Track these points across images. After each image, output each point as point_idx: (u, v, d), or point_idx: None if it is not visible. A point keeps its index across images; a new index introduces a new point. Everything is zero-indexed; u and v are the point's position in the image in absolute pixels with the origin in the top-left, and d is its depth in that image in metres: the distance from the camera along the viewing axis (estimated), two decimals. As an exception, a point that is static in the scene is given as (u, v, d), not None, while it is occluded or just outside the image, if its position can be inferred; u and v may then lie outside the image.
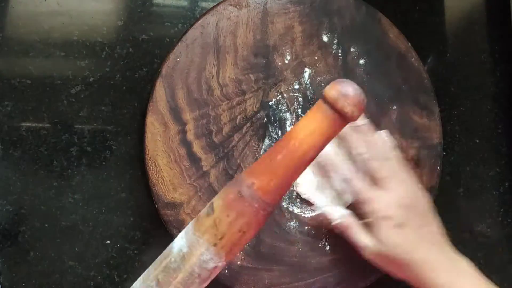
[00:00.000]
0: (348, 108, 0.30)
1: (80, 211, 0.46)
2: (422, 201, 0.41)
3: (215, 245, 0.31)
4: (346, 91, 0.29)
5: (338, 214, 0.43)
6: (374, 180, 0.41)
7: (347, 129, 0.40)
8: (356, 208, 0.42)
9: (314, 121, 0.31)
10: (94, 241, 0.46)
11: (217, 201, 0.32)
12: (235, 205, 0.31)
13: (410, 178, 0.42)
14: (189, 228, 0.32)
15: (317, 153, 0.31)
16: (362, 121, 0.44)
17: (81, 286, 0.46)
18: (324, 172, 0.44)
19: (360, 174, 0.41)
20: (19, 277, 0.45)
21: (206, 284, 0.33)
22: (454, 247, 0.41)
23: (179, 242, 0.32)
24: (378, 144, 0.42)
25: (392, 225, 0.39)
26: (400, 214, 0.39)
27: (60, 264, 0.46)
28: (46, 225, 0.46)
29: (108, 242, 0.47)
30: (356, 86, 0.30)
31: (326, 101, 0.30)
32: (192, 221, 0.33)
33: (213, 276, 0.33)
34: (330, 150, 0.44)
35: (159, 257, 0.34)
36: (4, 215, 0.45)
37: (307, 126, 0.31)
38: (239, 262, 0.45)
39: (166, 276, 0.32)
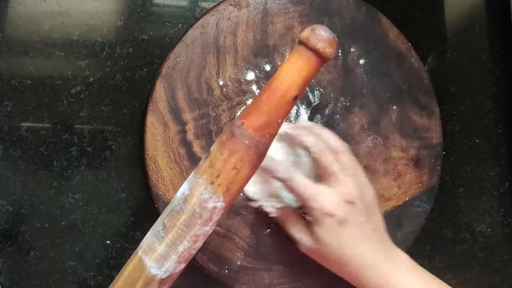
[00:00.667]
0: (319, 44, 0.32)
1: (80, 211, 0.46)
2: (368, 196, 0.40)
3: (212, 183, 0.33)
4: (317, 31, 0.32)
5: (273, 205, 0.42)
6: (321, 175, 0.40)
7: (295, 128, 0.42)
8: (301, 204, 0.41)
9: (292, 61, 0.33)
10: (94, 241, 0.46)
11: (213, 145, 0.34)
12: (228, 143, 0.33)
13: (358, 172, 0.41)
14: (190, 174, 0.35)
15: (299, 91, 0.34)
16: (309, 123, 0.44)
17: (81, 286, 0.46)
18: (265, 174, 0.43)
19: (303, 171, 0.41)
20: (19, 277, 0.45)
21: (208, 227, 0.34)
22: (392, 242, 0.41)
23: (182, 188, 0.34)
24: (327, 139, 0.41)
25: (334, 223, 0.38)
26: (344, 211, 0.38)
27: (60, 264, 0.46)
28: (46, 225, 0.46)
29: (108, 242, 0.47)
30: (326, 27, 0.33)
31: (300, 42, 0.33)
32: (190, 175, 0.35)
33: (214, 219, 0.34)
34: (273, 150, 0.43)
35: (163, 212, 0.35)
36: (4, 215, 0.45)
37: (286, 66, 0.34)
38: (239, 262, 0.45)
39: (170, 219, 0.33)
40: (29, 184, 0.45)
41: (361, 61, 0.50)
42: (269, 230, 0.46)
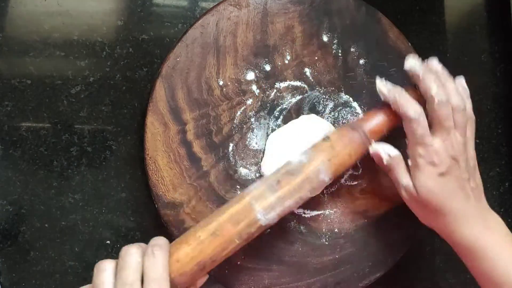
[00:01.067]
0: None
1: (80, 211, 0.46)
2: (471, 157, 0.43)
3: (329, 160, 0.41)
4: None
5: (388, 152, 0.44)
6: (435, 125, 0.42)
7: (424, 68, 0.44)
8: (408, 148, 0.43)
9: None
10: (94, 241, 0.46)
11: (332, 135, 0.43)
12: (349, 134, 0.43)
13: (471, 132, 0.44)
14: (305, 151, 0.42)
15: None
16: (439, 67, 0.45)
17: (81, 286, 0.46)
18: None
19: (423, 117, 0.42)
20: (19, 277, 0.45)
21: (310, 195, 0.41)
22: (488, 206, 0.43)
23: (299, 157, 0.41)
24: (453, 92, 0.43)
25: (436, 172, 0.41)
26: (447, 164, 0.41)
27: (60, 264, 0.46)
28: (46, 225, 0.46)
29: (108, 242, 0.47)
30: None
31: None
32: (305, 149, 0.43)
33: (318, 191, 0.42)
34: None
35: (275, 171, 0.41)
36: (4, 215, 0.45)
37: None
38: (239, 262, 0.45)
39: (286, 178, 0.40)
40: (29, 184, 0.45)
41: (361, 61, 0.50)
42: (269, 230, 0.46)
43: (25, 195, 0.45)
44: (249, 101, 0.47)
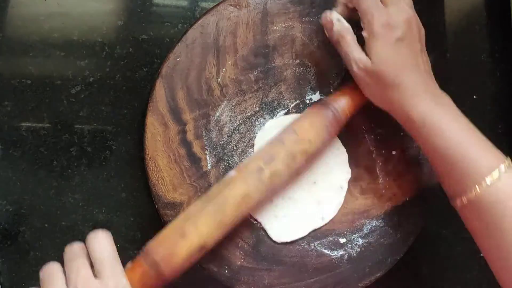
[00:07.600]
0: None
1: (80, 211, 0.46)
2: (422, 33, 0.42)
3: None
4: None
5: (338, 18, 0.43)
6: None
7: None
8: (362, 21, 0.41)
9: None
10: (94, 241, 0.46)
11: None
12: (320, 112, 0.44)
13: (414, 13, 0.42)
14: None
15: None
16: None
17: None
18: None
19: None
20: (19, 277, 0.45)
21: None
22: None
23: None
24: None
25: (392, 37, 0.39)
26: (402, 27, 0.40)
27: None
28: (46, 225, 0.46)
29: (108, 242, 0.47)
30: None
31: None
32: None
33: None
34: None
35: None
36: (4, 215, 0.45)
37: None
38: (239, 262, 0.45)
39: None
40: (29, 184, 0.46)
41: (361, 61, 0.50)
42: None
43: (25, 195, 0.45)
44: (249, 101, 0.47)
